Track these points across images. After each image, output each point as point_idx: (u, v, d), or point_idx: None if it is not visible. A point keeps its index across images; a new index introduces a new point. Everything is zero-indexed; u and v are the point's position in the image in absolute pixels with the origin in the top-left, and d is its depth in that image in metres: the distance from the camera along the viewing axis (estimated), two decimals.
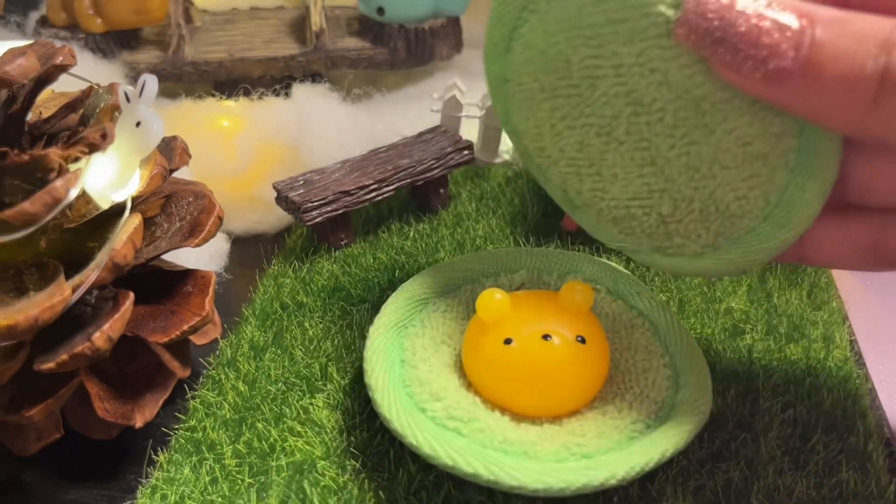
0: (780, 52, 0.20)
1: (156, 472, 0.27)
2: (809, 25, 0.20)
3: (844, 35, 0.20)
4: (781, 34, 0.20)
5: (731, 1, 0.21)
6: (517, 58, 0.27)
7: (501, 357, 0.26)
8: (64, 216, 0.26)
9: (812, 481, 0.26)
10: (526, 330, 0.27)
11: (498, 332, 0.27)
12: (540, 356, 0.26)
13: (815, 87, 0.21)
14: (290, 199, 0.37)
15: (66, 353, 0.24)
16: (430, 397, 0.27)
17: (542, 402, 0.27)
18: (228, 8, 0.55)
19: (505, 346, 0.26)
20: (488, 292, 0.27)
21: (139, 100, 0.26)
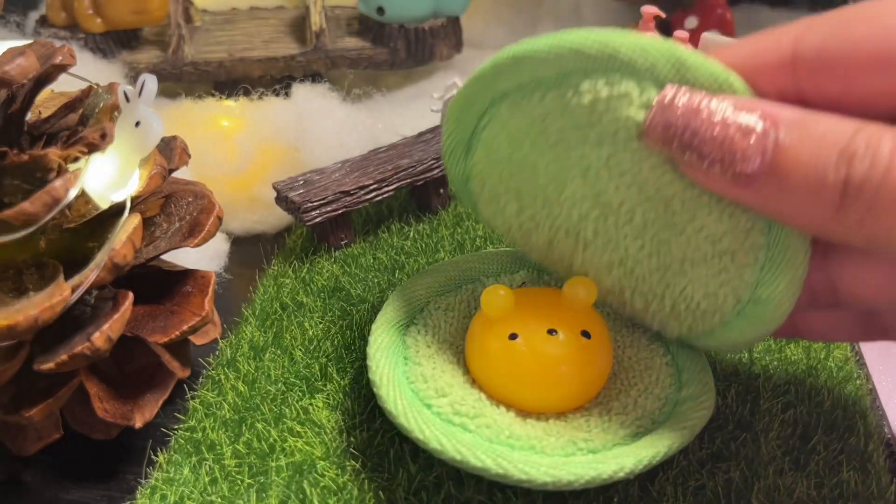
0: (746, 156, 0.21)
1: (155, 472, 0.27)
2: (773, 128, 0.20)
3: (806, 140, 0.20)
4: (746, 139, 0.21)
5: (696, 106, 0.21)
6: (479, 159, 0.28)
7: (506, 352, 0.26)
8: (63, 216, 0.26)
9: (812, 481, 0.26)
10: (531, 325, 0.26)
11: (503, 328, 0.27)
12: (545, 351, 0.26)
13: (780, 191, 0.21)
14: (290, 199, 0.37)
15: (66, 354, 0.24)
16: (435, 393, 0.27)
17: (547, 398, 0.27)
18: (228, 8, 0.55)
19: (510, 342, 0.26)
20: (493, 288, 0.27)
21: (139, 99, 0.26)
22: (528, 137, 0.26)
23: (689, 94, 0.22)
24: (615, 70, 0.23)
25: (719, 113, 0.21)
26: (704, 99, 0.21)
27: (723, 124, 0.21)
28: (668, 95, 0.22)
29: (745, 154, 0.21)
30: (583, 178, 0.26)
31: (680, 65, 0.22)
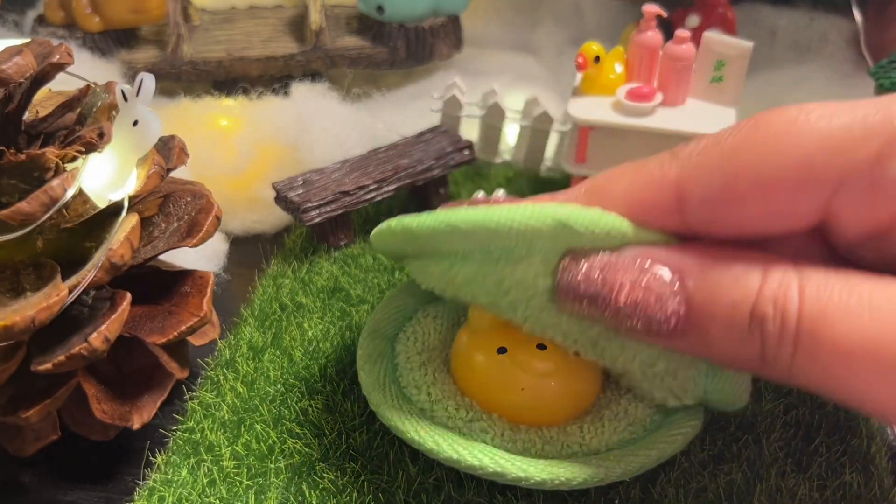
0: (660, 317, 0.20)
1: (153, 473, 0.27)
2: (681, 284, 0.20)
3: (716, 297, 0.20)
4: (657, 299, 0.20)
5: (599, 272, 0.21)
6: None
7: (494, 366, 0.26)
8: (61, 216, 0.26)
9: (815, 483, 0.26)
10: (519, 339, 0.26)
11: (490, 341, 0.26)
12: (534, 365, 0.26)
13: (703, 344, 0.21)
14: (290, 199, 0.37)
15: (63, 354, 0.24)
16: (427, 398, 0.26)
17: (537, 412, 0.26)
18: (227, 7, 0.55)
19: (498, 356, 0.26)
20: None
21: (137, 99, 0.26)
22: (444, 292, 0.26)
23: (589, 261, 0.21)
24: (510, 247, 0.23)
25: (625, 276, 0.21)
26: (606, 262, 0.21)
27: (632, 287, 0.21)
28: (569, 267, 0.22)
29: (659, 315, 0.20)
30: (511, 318, 0.25)
31: (563, 227, 0.22)
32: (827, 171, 0.19)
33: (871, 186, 0.19)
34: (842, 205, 0.19)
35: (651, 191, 0.21)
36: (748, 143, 0.20)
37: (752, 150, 0.20)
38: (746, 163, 0.20)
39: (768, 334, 0.19)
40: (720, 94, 0.36)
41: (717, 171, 0.20)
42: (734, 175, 0.20)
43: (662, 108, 0.36)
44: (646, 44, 0.36)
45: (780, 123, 0.20)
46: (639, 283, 0.20)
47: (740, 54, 0.35)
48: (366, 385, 0.27)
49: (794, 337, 0.19)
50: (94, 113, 0.28)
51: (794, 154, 0.19)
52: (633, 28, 0.37)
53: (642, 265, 0.21)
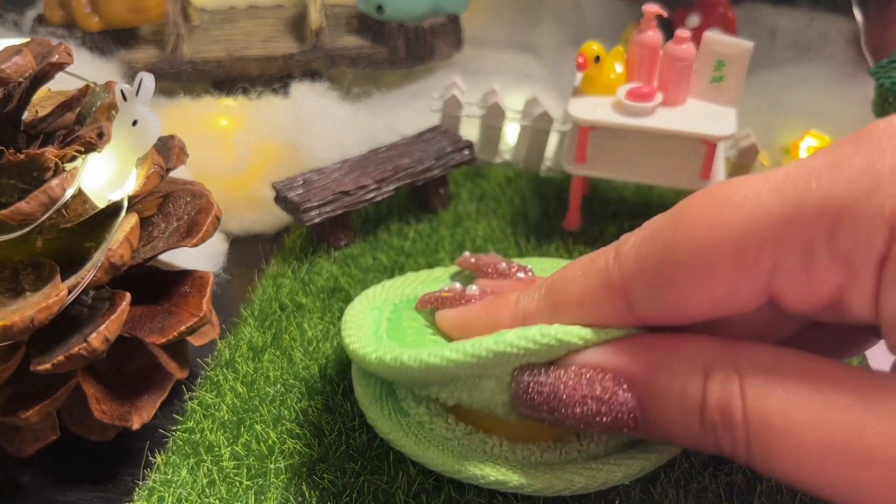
0: (615, 423, 0.22)
1: (153, 474, 0.27)
2: (631, 394, 0.21)
3: (667, 406, 0.21)
4: (609, 408, 0.22)
5: (547, 388, 0.22)
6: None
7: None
8: (60, 216, 0.26)
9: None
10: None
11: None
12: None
13: (666, 438, 0.22)
14: (290, 199, 0.37)
15: (63, 354, 0.24)
16: (426, 411, 0.26)
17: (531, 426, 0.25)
18: (226, 6, 0.55)
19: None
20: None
21: (136, 98, 0.26)
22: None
23: (536, 377, 0.22)
24: (458, 376, 0.24)
25: (573, 389, 0.22)
26: (553, 378, 0.22)
27: (581, 400, 0.22)
28: (520, 383, 0.23)
29: (613, 422, 0.22)
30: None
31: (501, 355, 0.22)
32: (759, 256, 0.19)
33: (802, 268, 0.19)
34: (782, 286, 0.19)
35: (601, 293, 0.22)
36: (680, 235, 0.20)
37: (685, 243, 0.20)
38: (681, 258, 0.20)
39: (721, 437, 0.20)
40: (720, 93, 0.36)
41: (656, 271, 0.21)
42: (672, 273, 0.20)
43: (663, 108, 0.36)
44: (646, 43, 0.36)
45: (709, 210, 0.20)
46: (588, 396, 0.22)
47: (740, 54, 0.35)
48: (362, 399, 0.27)
49: (745, 439, 0.20)
50: (93, 113, 0.28)
51: (726, 243, 0.19)
52: (634, 28, 0.37)
53: (590, 378, 0.22)
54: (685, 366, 0.21)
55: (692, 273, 0.20)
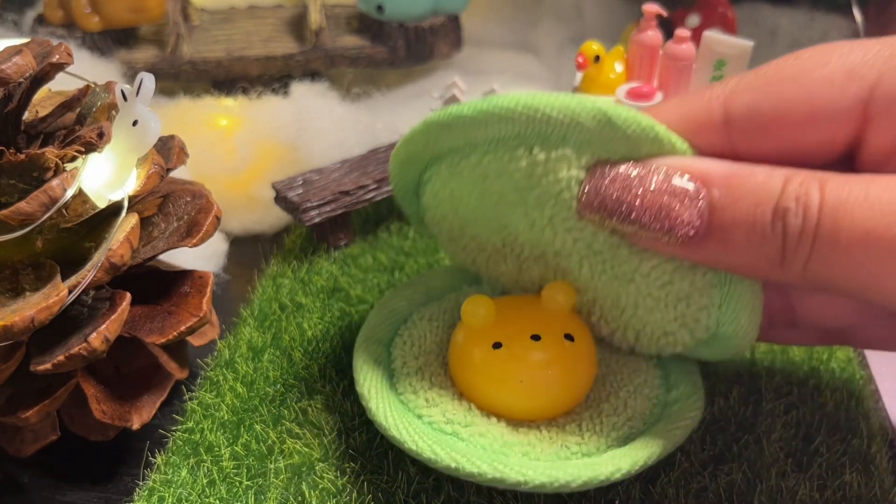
0: (684, 222, 0.22)
1: (153, 474, 0.27)
2: (706, 190, 0.21)
3: (740, 199, 0.21)
4: (682, 204, 0.22)
5: (627, 178, 0.22)
6: (429, 208, 0.29)
7: (491, 361, 0.26)
8: (60, 216, 0.26)
9: (815, 483, 0.26)
10: (514, 332, 0.26)
11: (486, 337, 0.26)
12: (530, 357, 0.26)
13: (725, 249, 0.22)
14: (289, 199, 0.37)
15: (63, 354, 0.24)
16: (425, 403, 0.26)
17: (535, 404, 0.26)
18: (226, 6, 0.55)
19: (494, 351, 0.26)
20: (473, 298, 0.27)
21: (136, 98, 0.26)
22: (471, 196, 0.27)
23: (618, 168, 0.22)
24: (547, 133, 0.23)
25: (651, 182, 0.22)
26: (634, 169, 0.22)
27: (656, 193, 0.22)
28: (598, 172, 0.23)
29: (683, 220, 0.21)
30: (529, 231, 0.26)
31: (604, 118, 0.22)
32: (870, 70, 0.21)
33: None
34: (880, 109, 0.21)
35: (699, 106, 0.23)
36: (795, 61, 0.22)
37: (798, 66, 0.21)
38: (792, 70, 0.21)
39: (790, 227, 0.20)
40: None
41: (763, 81, 0.22)
42: (780, 82, 0.21)
43: None
44: (646, 43, 0.36)
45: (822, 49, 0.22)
46: (661, 190, 0.21)
47: (740, 54, 0.35)
48: (363, 394, 0.27)
49: (814, 228, 0.20)
50: (93, 113, 0.28)
51: (839, 64, 0.21)
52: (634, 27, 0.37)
53: (668, 174, 0.22)
54: (767, 169, 0.21)
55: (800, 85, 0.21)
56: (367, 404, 0.26)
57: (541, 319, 0.27)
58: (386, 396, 0.26)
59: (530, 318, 0.27)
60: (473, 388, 0.27)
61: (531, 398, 0.26)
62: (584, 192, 0.23)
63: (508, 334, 0.26)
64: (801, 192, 0.20)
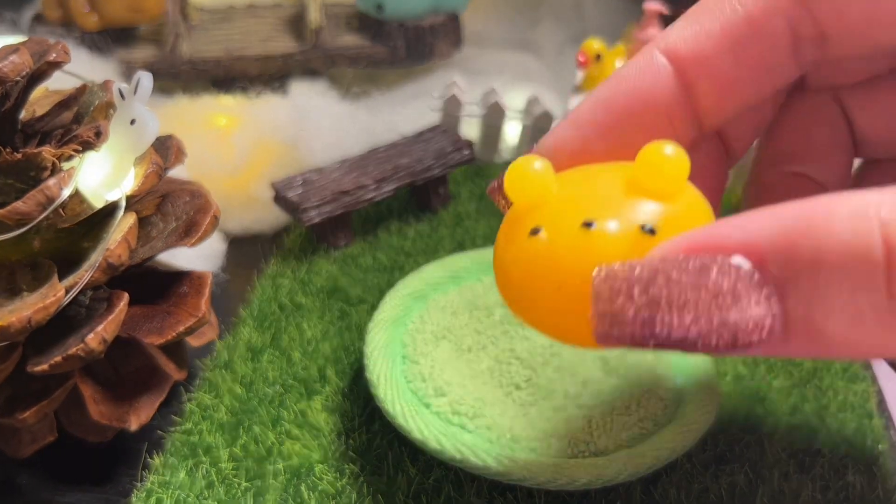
0: (749, 328, 0.14)
1: (151, 475, 0.27)
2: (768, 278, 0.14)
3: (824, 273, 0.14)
4: (741, 306, 0.14)
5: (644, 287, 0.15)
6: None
7: (525, 255, 0.18)
8: (58, 215, 0.25)
9: (818, 485, 0.26)
10: (564, 214, 0.17)
11: (527, 220, 0.18)
12: (575, 253, 0.17)
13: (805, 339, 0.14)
14: (289, 198, 0.36)
15: (60, 355, 0.23)
16: (433, 392, 0.26)
17: (577, 324, 0.17)
18: (225, 5, 0.55)
19: (530, 240, 0.18)
20: (522, 160, 0.18)
21: (134, 97, 0.26)
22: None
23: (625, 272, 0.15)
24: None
25: (681, 278, 0.14)
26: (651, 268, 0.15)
27: (697, 299, 0.14)
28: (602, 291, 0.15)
29: (748, 326, 0.14)
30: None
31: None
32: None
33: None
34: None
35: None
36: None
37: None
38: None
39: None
40: None
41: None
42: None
43: None
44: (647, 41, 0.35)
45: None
46: (702, 285, 0.14)
47: None
48: (372, 379, 0.27)
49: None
50: (91, 112, 0.28)
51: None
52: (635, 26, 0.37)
53: (702, 264, 0.14)
54: (848, 223, 0.13)
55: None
56: (376, 391, 0.26)
57: (617, 197, 0.17)
58: (395, 384, 0.26)
59: (603, 195, 0.18)
60: (506, 290, 0.19)
61: (570, 315, 0.17)
62: (595, 324, 0.15)
63: (555, 216, 0.18)
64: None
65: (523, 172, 0.18)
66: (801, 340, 0.14)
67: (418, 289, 0.31)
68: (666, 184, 0.17)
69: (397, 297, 0.30)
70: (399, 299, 0.30)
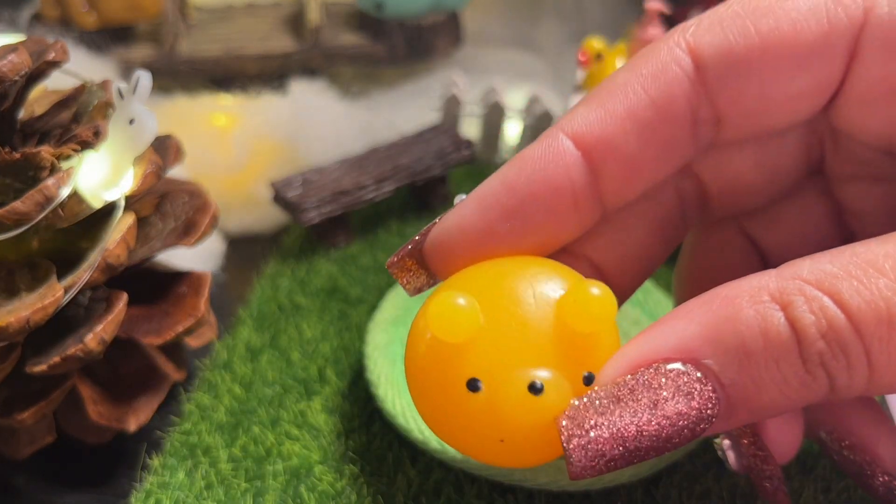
0: (699, 419, 0.16)
1: (150, 476, 0.27)
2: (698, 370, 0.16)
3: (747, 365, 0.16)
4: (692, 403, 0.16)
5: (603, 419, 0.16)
6: None
7: (463, 408, 0.17)
8: (56, 215, 0.25)
9: (820, 485, 0.26)
10: (500, 366, 0.17)
11: (458, 364, 0.17)
12: (520, 413, 0.17)
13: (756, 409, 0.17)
14: (288, 198, 0.36)
15: (58, 356, 0.23)
16: None
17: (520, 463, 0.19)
18: (224, 4, 0.55)
19: (469, 396, 0.17)
20: (445, 297, 0.17)
21: (133, 97, 0.26)
22: None
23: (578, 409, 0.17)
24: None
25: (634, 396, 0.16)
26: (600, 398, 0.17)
27: (651, 408, 0.16)
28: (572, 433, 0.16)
29: (697, 419, 0.16)
30: None
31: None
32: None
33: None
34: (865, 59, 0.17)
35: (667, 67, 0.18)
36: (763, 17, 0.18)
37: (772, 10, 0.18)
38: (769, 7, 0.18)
39: (832, 366, 0.16)
40: None
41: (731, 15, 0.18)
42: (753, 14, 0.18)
43: None
44: (648, 40, 0.35)
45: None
46: (656, 399, 0.16)
47: None
48: (372, 379, 0.26)
49: (863, 349, 0.16)
50: (89, 111, 0.28)
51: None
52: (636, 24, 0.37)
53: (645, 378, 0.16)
54: (752, 310, 0.16)
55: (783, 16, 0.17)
56: (376, 391, 0.26)
57: (551, 338, 0.17)
58: (396, 384, 0.26)
59: (534, 335, 0.17)
60: (433, 426, 0.19)
61: (514, 458, 0.18)
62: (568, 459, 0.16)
63: (493, 369, 0.17)
64: (818, 317, 0.15)
65: (451, 311, 0.17)
66: (743, 413, 0.17)
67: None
68: (594, 324, 0.17)
69: (397, 297, 0.30)
70: (399, 299, 0.30)
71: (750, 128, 0.19)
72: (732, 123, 0.19)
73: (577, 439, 0.16)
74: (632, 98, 0.18)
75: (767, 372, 0.16)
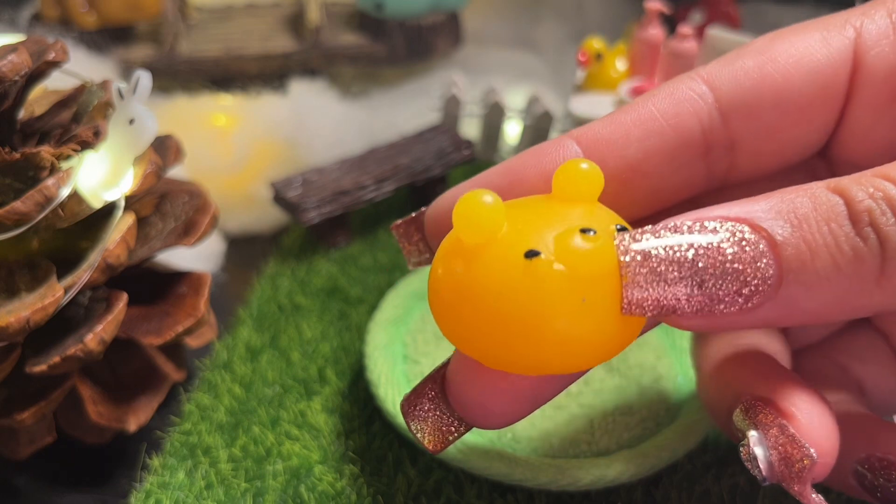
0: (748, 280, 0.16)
1: (150, 476, 0.27)
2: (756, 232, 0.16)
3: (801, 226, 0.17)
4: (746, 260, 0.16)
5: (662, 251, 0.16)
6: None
7: (526, 283, 0.15)
8: (56, 215, 0.25)
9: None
10: (550, 229, 0.16)
11: (506, 248, 0.16)
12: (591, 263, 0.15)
13: (806, 292, 0.17)
14: (288, 198, 0.36)
15: (58, 356, 0.23)
16: None
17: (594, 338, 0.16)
18: (224, 4, 0.55)
19: (528, 267, 0.15)
20: (471, 195, 0.16)
21: (133, 97, 0.26)
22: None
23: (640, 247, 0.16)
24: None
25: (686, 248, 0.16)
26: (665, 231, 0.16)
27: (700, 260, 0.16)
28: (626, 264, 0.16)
29: (744, 279, 0.16)
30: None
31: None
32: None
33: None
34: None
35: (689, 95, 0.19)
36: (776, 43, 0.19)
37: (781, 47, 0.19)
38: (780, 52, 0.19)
39: (881, 224, 0.16)
40: None
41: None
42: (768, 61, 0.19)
43: None
44: (648, 40, 0.35)
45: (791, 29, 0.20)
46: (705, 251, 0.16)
47: None
48: (373, 379, 0.26)
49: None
50: (89, 111, 0.28)
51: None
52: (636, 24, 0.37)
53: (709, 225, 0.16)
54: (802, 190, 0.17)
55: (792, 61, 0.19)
56: (377, 391, 0.26)
57: (570, 210, 0.17)
58: (396, 384, 0.26)
59: (557, 213, 0.17)
60: (487, 335, 0.16)
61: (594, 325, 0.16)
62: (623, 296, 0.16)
63: (542, 234, 0.16)
64: (867, 187, 0.16)
65: (476, 206, 0.16)
66: (796, 288, 0.17)
67: (419, 288, 0.31)
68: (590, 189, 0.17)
69: (398, 297, 0.30)
70: (400, 299, 0.30)
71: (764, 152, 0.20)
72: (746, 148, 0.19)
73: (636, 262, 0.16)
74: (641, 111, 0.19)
75: (819, 233, 0.16)
